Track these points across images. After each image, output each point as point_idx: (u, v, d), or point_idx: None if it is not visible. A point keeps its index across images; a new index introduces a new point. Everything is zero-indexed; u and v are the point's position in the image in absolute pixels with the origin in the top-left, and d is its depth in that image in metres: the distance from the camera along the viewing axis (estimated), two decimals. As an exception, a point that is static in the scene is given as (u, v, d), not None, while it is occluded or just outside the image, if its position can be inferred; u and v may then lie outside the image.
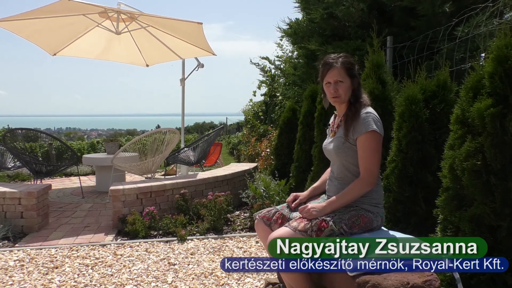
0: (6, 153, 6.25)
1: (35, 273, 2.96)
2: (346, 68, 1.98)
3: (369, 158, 1.90)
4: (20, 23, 5.24)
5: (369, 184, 1.92)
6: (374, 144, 1.90)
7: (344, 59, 2.00)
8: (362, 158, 1.92)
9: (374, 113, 1.96)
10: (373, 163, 1.91)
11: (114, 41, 6.41)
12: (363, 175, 1.92)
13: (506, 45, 1.80)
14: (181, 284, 2.78)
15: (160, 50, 6.48)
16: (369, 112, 1.94)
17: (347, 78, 1.99)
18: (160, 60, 6.99)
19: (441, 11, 4.21)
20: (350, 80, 2.00)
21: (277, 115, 9.79)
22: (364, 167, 1.91)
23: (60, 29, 5.78)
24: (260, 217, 2.14)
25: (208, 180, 4.78)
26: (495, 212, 1.78)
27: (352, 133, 1.94)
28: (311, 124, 4.40)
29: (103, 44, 6.50)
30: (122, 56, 6.90)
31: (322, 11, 5.24)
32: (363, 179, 1.92)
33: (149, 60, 7.02)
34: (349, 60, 2.01)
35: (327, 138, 2.18)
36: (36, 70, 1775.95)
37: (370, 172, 1.91)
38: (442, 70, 2.66)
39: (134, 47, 6.60)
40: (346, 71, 1.98)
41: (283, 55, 10.86)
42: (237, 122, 19.11)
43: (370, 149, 1.90)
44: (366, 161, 1.91)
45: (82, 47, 6.42)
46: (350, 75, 1.99)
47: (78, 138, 16.87)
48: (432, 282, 1.53)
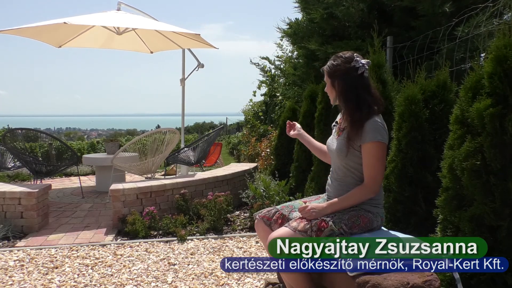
0: (6, 153, 6.25)
1: (35, 273, 2.96)
2: (329, 72, 1.98)
3: (374, 166, 1.88)
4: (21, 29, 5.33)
5: (372, 192, 1.91)
6: (379, 153, 1.87)
7: (328, 63, 1.99)
8: (367, 166, 1.89)
9: (380, 120, 1.90)
10: (377, 172, 1.89)
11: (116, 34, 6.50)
12: (367, 182, 1.90)
13: (505, 45, 1.80)
14: (181, 284, 2.78)
15: (162, 40, 6.56)
16: (376, 121, 1.89)
17: (332, 82, 1.98)
18: (163, 47, 7.03)
19: (441, 11, 4.20)
20: (337, 83, 1.95)
21: (277, 115, 9.79)
22: (369, 174, 1.89)
23: (62, 29, 5.84)
24: (260, 217, 2.14)
25: (208, 180, 4.78)
26: (495, 212, 1.78)
27: (356, 140, 1.90)
28: (311, 124, 4.40)
29: (106, 35, 6.59)
30: (126, 44, 6.98)
31: (322, 11, 5.23)
32: (366, 187, 1.90)
33: (153, 47, 7.08)
34: (331, 63, 1.96)
35: (333, 135, 2.13)
36: (36, 70, 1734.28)
37: (374, 181, 1.89)
38: (442, 70, 2.66)
39: (136, 37, 6.71)
40: (329, 75, 1.98)
41: (283, 55, 10.87)
42: (237, 122, 19.12)
43: (375, 157, 1.87)
44: (371, 169, 1.88)
45: (86, 38, 6.52)
46: (335, 77, 1.95)
47: (78, 138, 16.86)
48: (432, 282, 1.54)
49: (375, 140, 1.85)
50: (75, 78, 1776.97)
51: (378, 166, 1.89)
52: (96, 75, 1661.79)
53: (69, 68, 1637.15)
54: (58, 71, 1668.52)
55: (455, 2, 4.21)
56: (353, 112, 1.90)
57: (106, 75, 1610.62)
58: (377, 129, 1.86)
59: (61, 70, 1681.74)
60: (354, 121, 1.88)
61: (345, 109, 1.97)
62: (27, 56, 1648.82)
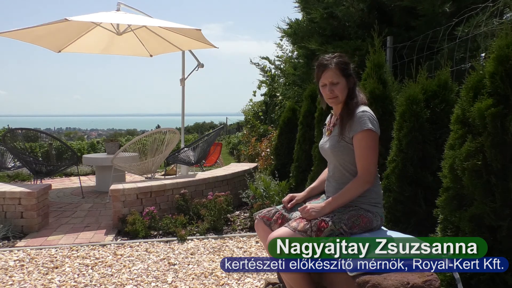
0: (6, 153, 6.25)
1: (35, 273, 2.96)
2: (341, 68, 1.97)
3: (366, 156, 1.90)
4: (22, 32, 5.33)
5: (367, 182, 1.91)
6: (370, 143, 1.90)
7: (339, 59, 1.99)
8: (359, 157, 1.91)
9: (369, 111, 1.95)
10: (370, 162, 1.90)
11: (116, 37, 6.47)
12: (360, 173, 1.92)
13: (507, 45, 1.80)
14: (181, 284, 2.77)
15: (162, 43, 6.56)
16: (365, 111, 1.93)
17: (342, 78, 1.98)
18: (163, 51, 7.04)
19: (441, 11, 4.20)
20: (345, 80, 1.99)
21: (277, 115, 9.79)
22: (361, 165, 1.91)
23: (62, 31, 5.85)
24: (260, 217, 2.14)
25: (208, 180, 4.78)
26: (495, 212, 1.78)
27: (348, 132, 1.93)
28: (311, 124, 4.40)
29: (106, 40, 6.58)
30: (125, 49, 6.99)
31: (322, 11, 5.23)
32: (360, 178, 1.91)
33: (152, 50, 7.09)
34: (343, 60, 1.99)
35: (323, 137, 2.17)
36: (36, 70, 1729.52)
37: (367, 171, 1.90)
38: (443, 70, 2.65)
39: (136, 40, 6.70)
40: (340, 71, 1.97)
41: (283, 55, 10.86)
42: (237, 122, 19.12)
43: (366, 147, 1.89)
44: (363, 160, 1.90)
45: (86, 43, 6.51)
46: (345, 74, 1.98)
47: (78, 138, 16.86)
48: (432, 282, 1.53)
49: (365, 128, 1.88)
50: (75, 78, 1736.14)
51: (370, 156, 1.90)
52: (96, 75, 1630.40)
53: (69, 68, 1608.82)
54: (58, 71, 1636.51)
55: (455, 2, 4.21)
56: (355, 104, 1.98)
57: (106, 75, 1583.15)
58: (367, 118, 1.90)
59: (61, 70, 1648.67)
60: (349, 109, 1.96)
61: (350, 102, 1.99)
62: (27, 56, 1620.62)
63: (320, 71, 2.00)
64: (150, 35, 6.42)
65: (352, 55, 4.48)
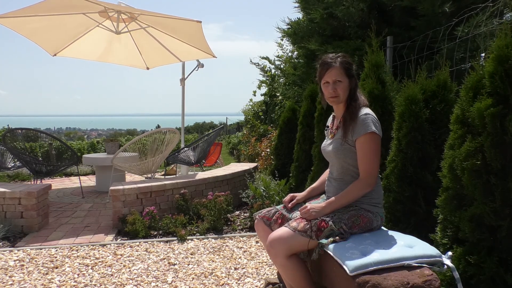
0: (6, 153, 6.25)
1: (35, 273, 2.96)
2: (345, 68, 1.99)
3: (369, 159, 1.90)
4: (20, 20, 5.21)
5: (368, 185, 1.92)
6: (373, 146, 1.91)
7: (343, 59, 2.00)
8: (362, 160, 1.92)
9: (372, 114, 1.96)
10: (372, 165, 1.91)
11: (114, 42, 6.41)
12: (363, 176, 1.92)
13: (506, 45, 1.80)
14: (181, 284, 2.78)
15: (160, 52, 6.49)
16: (367, 114, 1.94)
17: (345, 78, 1.99)
18: (160, 63, 7.00)
19: (441, 11, 4.20)
20: (348, 80, 2.00)
21: (277, 115, 9.79)
22: (364, 168, 1.91)
23: (61, 28, 5.76)
24: (260, 217, 2.14)
25: (208, 180, 4.78)
26: (495, 212, 1.78)
27: (351, 135, 1.94)
28: (311, 124, 4.40)
29: (103, 46, 6.49)
30: (122, 58, 6.91)
31: (322, 11, 5.23)
32: (362, 180, 1.92)
33: (150, 63, 7.03)
34: (347, 60, 2.01)
35: (326, 139, 2.18)
36: (36, 70, 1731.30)
37: (369, 174, 1.91)
38: (442, 70, 2.65)
39: (134, 49, 6.61)
40: (344, 71, 1.98)
41: (283, 55, 10.86)
42: (237, 122, 19.11)
43: (369, 150, 1.90)
44: (366, 163, 1.91)
45: (83, 48, 6.41)
46: (348, 75, 2.00)
47: (78, 138, 16.87)
48: (432, 282, 1.53)
49: (369, 130, 1.88)
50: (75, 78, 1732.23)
51: (373, 159, 1.91)
52: (96, 75, 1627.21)
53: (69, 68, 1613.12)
54: (58, 71, 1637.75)
55: (455, 2, 4.21)
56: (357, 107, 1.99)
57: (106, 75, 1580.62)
58: (371, 121, 1.91)
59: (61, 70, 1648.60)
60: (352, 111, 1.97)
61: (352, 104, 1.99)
62: (27, 56, 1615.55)
63: (324, 69, 2.00)
64: (148, 41, 6.31)
65: (352, 55, 4.47)
